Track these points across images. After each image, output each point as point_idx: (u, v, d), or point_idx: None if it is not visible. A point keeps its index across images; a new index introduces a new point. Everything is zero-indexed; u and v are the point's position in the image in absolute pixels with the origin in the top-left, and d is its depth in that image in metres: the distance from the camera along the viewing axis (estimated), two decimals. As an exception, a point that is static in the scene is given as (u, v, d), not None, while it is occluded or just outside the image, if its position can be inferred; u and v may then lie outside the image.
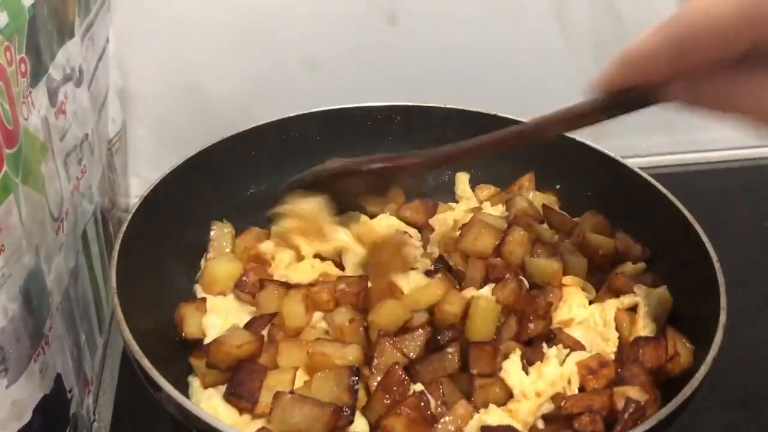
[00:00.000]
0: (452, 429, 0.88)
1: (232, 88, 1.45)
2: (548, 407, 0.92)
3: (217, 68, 1.44)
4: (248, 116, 1.35)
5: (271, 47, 1.43)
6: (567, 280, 1.06)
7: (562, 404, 0.90)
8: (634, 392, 0.90)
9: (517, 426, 0.89)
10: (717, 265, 0.96)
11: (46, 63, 0.92)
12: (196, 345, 1.01)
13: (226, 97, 1.46)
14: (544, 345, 0.98)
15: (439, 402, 0.91)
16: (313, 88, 1.44)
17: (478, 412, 0.90)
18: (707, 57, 0.64)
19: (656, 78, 0.69)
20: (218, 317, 1.03)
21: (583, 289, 1.06)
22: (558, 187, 1.27)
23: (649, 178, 1.14)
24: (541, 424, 0.92)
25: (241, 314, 1.04)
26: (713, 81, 0.66)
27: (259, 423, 0.89)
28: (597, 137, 1.19)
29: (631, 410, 0.86)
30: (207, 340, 0.99)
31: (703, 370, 0.83)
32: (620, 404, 0.88)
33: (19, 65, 0.83)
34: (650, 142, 1.66)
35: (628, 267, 1.09)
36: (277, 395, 0.87)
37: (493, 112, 1.27)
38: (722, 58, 0.63)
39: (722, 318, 0.89)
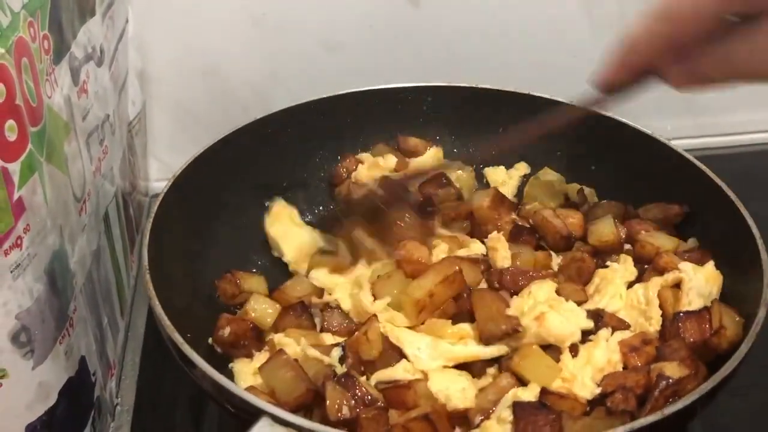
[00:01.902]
0: (491, 399, 0.88)
1: (251, 71, 1.44)
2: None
3: (235, 52, 1.42)
4: (266, 100, 1.34)
5: (289, 30, 1.41)
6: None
7: (599, 383, 0.88)
8: (671, 368, 0.87)
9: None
10: (760, 242, 0.94)
11: (68, 41, 0.90)
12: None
13: (245, 80, 1.44)
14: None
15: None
16: (332, 72, 1.42)
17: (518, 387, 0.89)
18: (698, 25, 0.69)
19: (655, 60, 0.70)
20: None
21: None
22: (593, 168, 1.25)
23: (689, 156, 1.12)
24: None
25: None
26: (711, 50, 0.70)
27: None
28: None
29: (661, 387, 0.84)
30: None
31: (744, 346, 0.81)
32: (659, 378, 0.86)
33: (42, 42, 0.81)
34: (676, 125, 1.63)
35: (672, 243, 1.07)
36: (279, 352, 0.92)
37: (527, 92, 1.25)
38: (713, 24, 0.68)
39: (765, 294, 0.87)
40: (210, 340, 1.00)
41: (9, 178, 0.70)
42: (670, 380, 0.85)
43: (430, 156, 1.26)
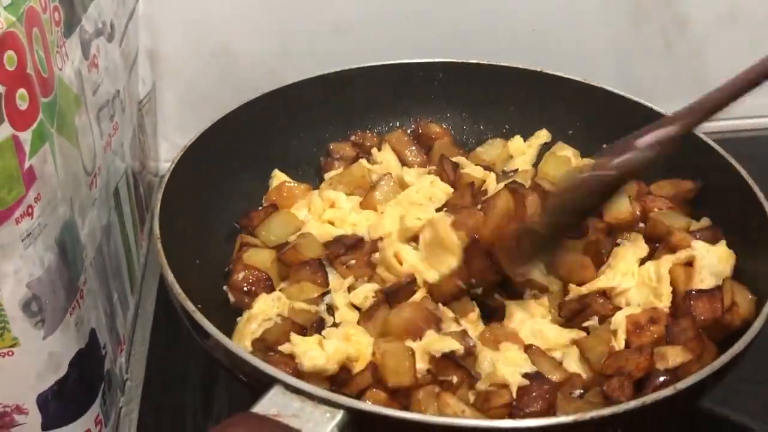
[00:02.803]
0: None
1: (260, 51, 1.43)
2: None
3: (244, 31, 1.41)
4: (276, 79, 1.33)
5: (299, 9, 1.40)
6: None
7: (602, 362, 0.88)
8: (675, 353, 0.86)
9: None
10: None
11: (78, 14, 0.90)
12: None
13: (254, 60, 1.43)
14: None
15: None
16: (342, 50, 1.41)
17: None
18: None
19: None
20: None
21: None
22: (604, 146, 1.23)
23: (703, 136, 1.11)
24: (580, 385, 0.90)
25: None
26: None
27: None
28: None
29: (657, 383, 0.83)
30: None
31: (757, 323, 0.81)
32: (659, 364, 0.85)
33: (53, 13, 0.82)
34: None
35: (684, 222, 1.06)
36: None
37: (538, 68, 1.24)
38: None
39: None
40: (225, 288, 1.01)
41: (20, 147, 0.70)
42: (666, 378, 0.83)
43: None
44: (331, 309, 0.98)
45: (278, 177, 1.20)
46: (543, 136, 1.26)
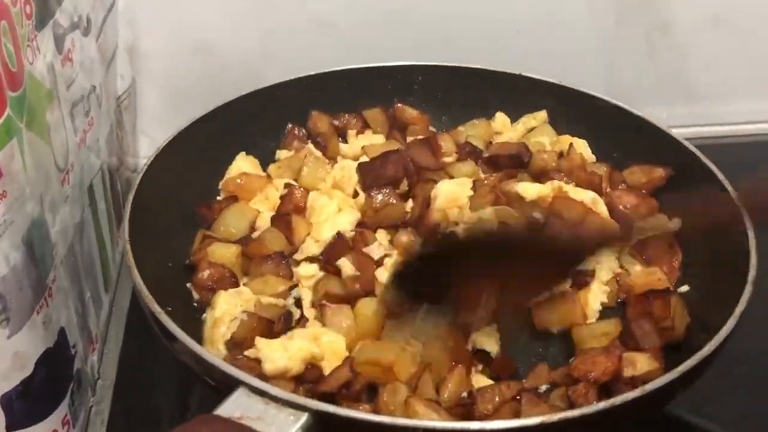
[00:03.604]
0: None
1: (242, 48, 1.42)
2: None
3: (226, 28, 1.40)
4: (258, 77, 1.32)
5: (282, 7, 1.39)
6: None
7: (570, 361, 0.88)
8: (643, 362, 0.86)
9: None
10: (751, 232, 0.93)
11: (52, 7, 0.89)
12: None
13: (236, 58, 1.42)
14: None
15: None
16: (325, 50, 1.40)
17: None
18: None
19: None
20: None
21: None
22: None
23: (686, 143, 1.12)
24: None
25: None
26: None
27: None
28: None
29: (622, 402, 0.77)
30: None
31: (726, 327, 0.80)
32: (626, 371, 0.85)
33: (24, 6, 0.80)
34: (671, 113, 1.62)
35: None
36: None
37: (518, 72, 1.24)
38: None
39: (752, 274, 0.87)
40: (189, 285, 1.01)
41: (-15, 142, 0.69)
42: (632, 395, 0.78)
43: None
44: (299, 302, 0.98)
45: (240, 164, 1.18)
46: (541, 117, 1.26)
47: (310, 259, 1.03)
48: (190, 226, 1.10)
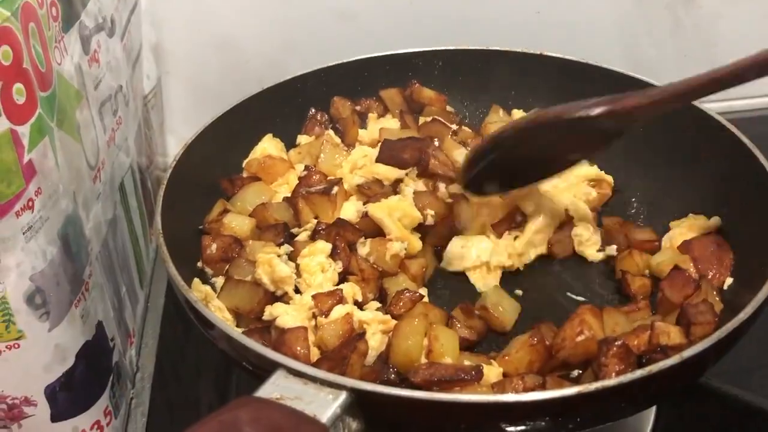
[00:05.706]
0: None
1: (264, 42, 1.43)
2: None
3: (248, 22, 1.41)
4: (281, 70, 1.33)
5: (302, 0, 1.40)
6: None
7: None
8: (675, 333, 0.84)
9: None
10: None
11: (77, 9, 0.91)
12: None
13: (259, 51, 1.43)
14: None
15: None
16: (346, 40, 1.41)
17: None
18: None
19: None
20: None
21: None
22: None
23: (717, 116, 1.10)
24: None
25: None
26: None
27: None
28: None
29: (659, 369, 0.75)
30: None
31: (762, 294, 0.79)
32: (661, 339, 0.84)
33: (50, 9, 0.82)
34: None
35: None
36: (228, 279, 0.98)
37: (539, 52, 1.23)
38: None
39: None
40: (200, 264, 1.02)
41: (18, 141, 0.71)
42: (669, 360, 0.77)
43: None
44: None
45: (265, 145, 1.20)
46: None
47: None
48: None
